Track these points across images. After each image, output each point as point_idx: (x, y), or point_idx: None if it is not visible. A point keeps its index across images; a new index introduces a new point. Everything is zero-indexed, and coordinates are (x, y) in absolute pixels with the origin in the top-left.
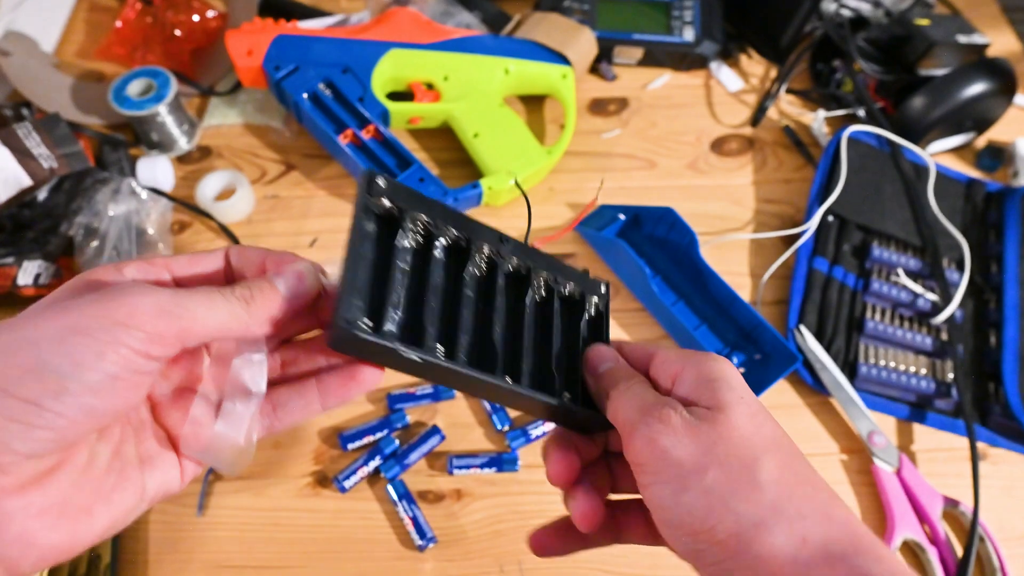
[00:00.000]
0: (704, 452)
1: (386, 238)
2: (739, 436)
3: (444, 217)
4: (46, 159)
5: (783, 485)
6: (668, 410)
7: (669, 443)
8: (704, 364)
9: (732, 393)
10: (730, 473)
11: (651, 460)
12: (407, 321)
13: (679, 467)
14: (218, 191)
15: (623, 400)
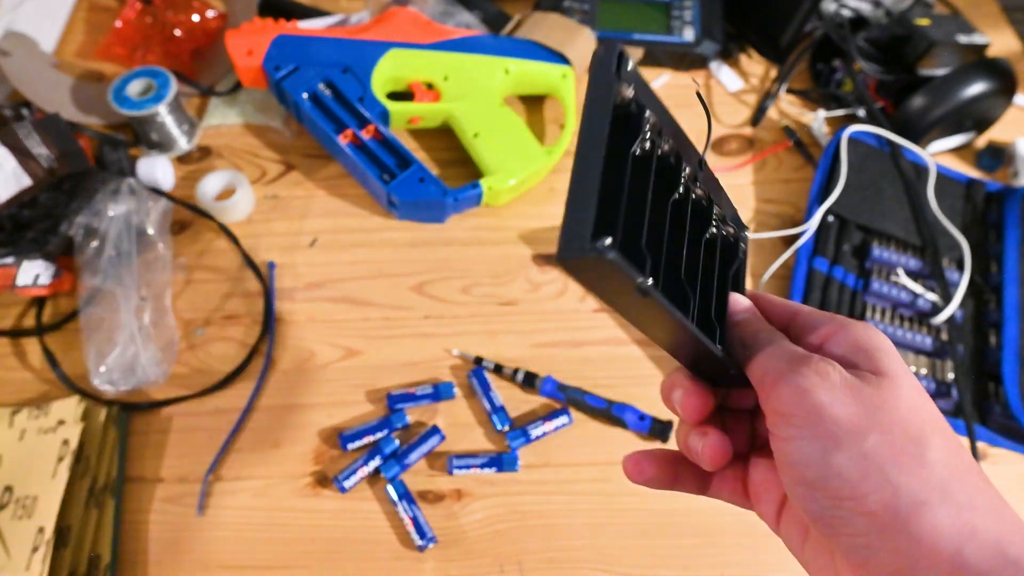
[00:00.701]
0: (866, 415)
1: (618, 138)
2: (906, 407)
3: (666, 122)
4: (46, 159)
5: (952, 469)
6: (826, 365)
7: (827, 398)
8: (861, 330)
9: (896, 364)
10: (895, 442)
11: (800, 412)
12: (629, 245)
13: (835, 424)
14: (218, 191)
15: (768, 351)
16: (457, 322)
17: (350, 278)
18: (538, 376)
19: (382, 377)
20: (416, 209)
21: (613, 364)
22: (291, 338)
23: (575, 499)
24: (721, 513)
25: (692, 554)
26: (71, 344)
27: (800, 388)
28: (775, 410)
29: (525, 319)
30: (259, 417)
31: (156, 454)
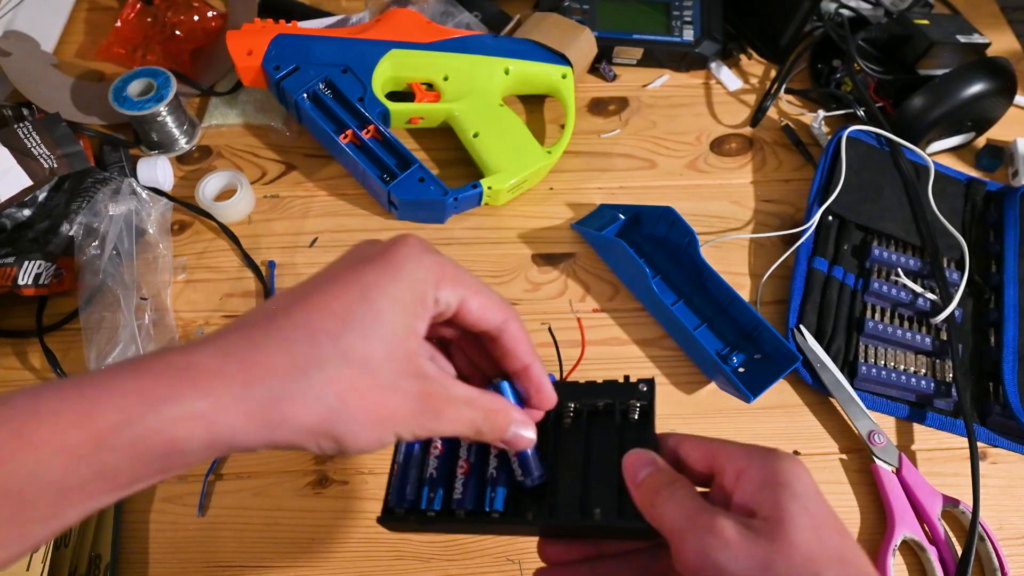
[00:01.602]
0: (761, 569)
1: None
2: (798, 552)
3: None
4: (46, 159)
5: None
6: (720, 519)
7: (724, 558)
8: (770, 465)
9: (796, 502)
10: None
11: (704, 571)
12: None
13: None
14: (218, 191)
15: (668, 507)
16: None
17: None
18: None
19: None
20: (416, 209)
21: (613, 364)
22: None
23: None
24: None
25: None
26: (71, 344)
27: (699, 551)
28: (684, 570)
29: (525, 319)
30: None
31: None
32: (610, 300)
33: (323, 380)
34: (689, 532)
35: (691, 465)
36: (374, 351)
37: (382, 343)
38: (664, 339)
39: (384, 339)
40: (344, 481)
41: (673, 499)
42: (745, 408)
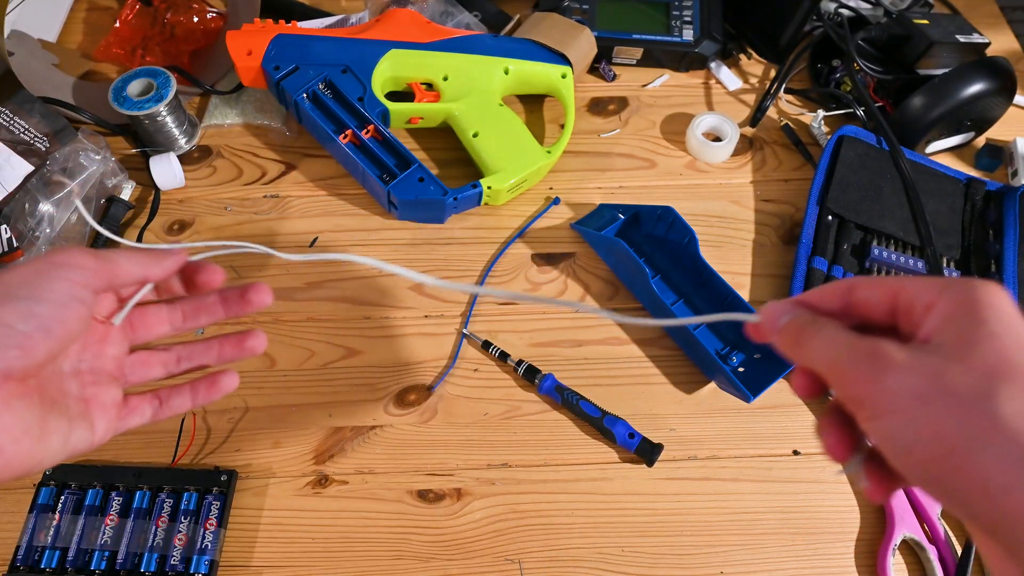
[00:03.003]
0: (932, 382)
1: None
2: (975, 366)
3: None
4: (39, 141)
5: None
6: (883, 344)
7: (892, 380)
8: (962, 294)
9: (982, 328)
10: (960, 403)
11: (872, 400)
12: None
13: (899, 398)
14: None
15: (816, 342)
16: (457, 322)
17: (350, 278)
18: (540, 372)
19: (382, 377)
20: (416, 209)
21: (613, 364)
22: (291, 338)
23: (575, 499)
24: (721, 513)
25: (692, 554)
26: None
27: (863, 377)
28: (849, 398)
29: (525, 318)
30: (259, 417)
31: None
32: (610, 300)
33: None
34: (848, 361)
35: (871, 309)
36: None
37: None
38: (664, 339)
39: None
40: (344, 481)
41: (821, 334)
42: (745, 408)
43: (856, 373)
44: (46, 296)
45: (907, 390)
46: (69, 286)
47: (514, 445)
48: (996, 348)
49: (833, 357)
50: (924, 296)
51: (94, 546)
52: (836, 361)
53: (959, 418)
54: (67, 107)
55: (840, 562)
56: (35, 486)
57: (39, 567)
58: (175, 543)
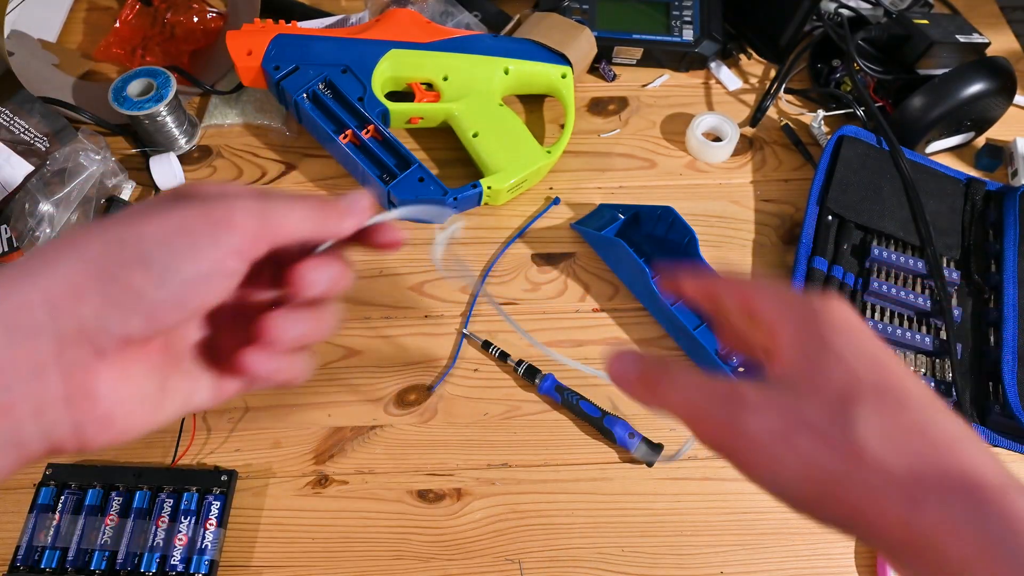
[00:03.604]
0: (792, 421)
1: None
2: (827, 393)
3: None
4: (39, 141)
5: (888, 440)
6: (738, 386)
7: (752, 422)
8: (801, 318)
9: (826, 353)
10: (820, 437)
11: (734, 444)
12: None
13: (763, 444)
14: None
15: (674, 392)
16: (457, 322)
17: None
18: (540, 372)
19: (382, 377)
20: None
21: None
22: None
23: (575, 499)
24: (721, 513)
25: (692, 554)
26: None
27: (723, 422)
28: (711, 444)
29: (525, 318)
30: (259, 417)
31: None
32: (610, 300)
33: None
34: (705, 409)
35: (732, 316)
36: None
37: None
38: (664, 339)
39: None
40: (344, 481)
41: (675, 383)
42: None
43: (717, 419)
44: (189, 265)
45: (768, 432)
46: (221, 256)
47: (514, 445)
48: (843, 370)
49: (692, 404)
50: (770, 318)
51: (94, 546)
52: (695, 408)
53: (822, 454)
54: (67, 107)
55: (840, 562)
56: (35, 486)
57: (39, 567)
58: (175, 543)
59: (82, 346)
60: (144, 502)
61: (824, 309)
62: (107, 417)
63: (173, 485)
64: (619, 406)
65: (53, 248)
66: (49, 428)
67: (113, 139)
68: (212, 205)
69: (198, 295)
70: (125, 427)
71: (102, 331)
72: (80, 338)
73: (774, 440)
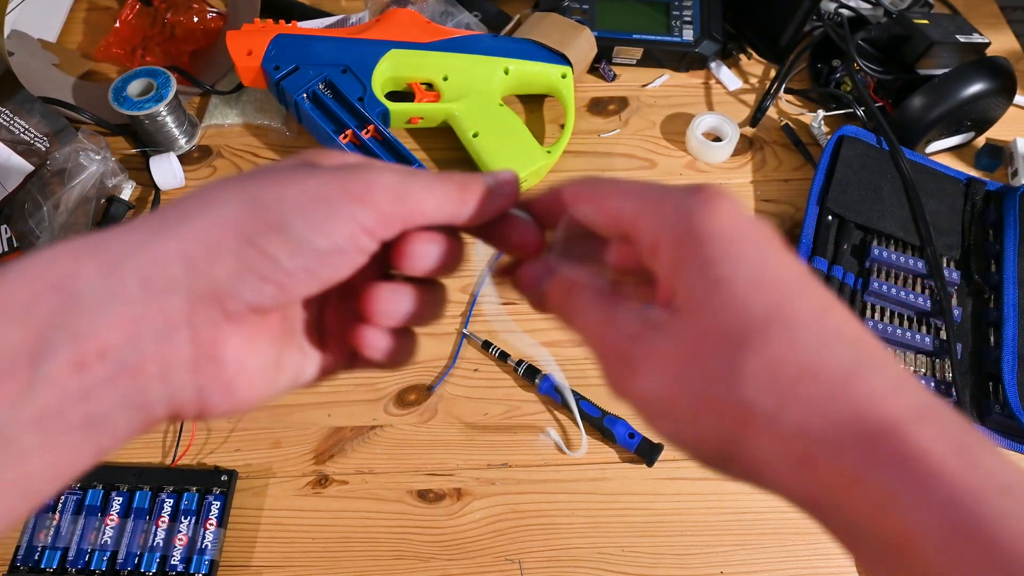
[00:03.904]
0: (682, 378)
1: None
2: (714, 333)
3: None
4: (40, 141)
5: (774, 393)
6: (620, 338)
7: (639, 385)
8: (679, 225)
9: (707, 271)
10: (706, 398)
11: (628, 400)
12: None
13: (656, 404)
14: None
15: (576, 326)
16: (457, 322)
17: None
18: (540, 372)
19: (382, 377)
20: None
21: None
22: None
23: (575, 499)
24: (721, 513)
25: (692, 554)
26: None
27: (616, 380)
28: (612, 391)
29: (525, 319)
30: (259, 417)
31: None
32: None
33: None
34: (599, 355)
35: (598, 229)
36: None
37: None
38: None
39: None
40: (344, 481)
41: (576, 316)
42: None
43: (612, 377)
44: (324, 237)
45: (658, 392)
46: (356, 231)
47: (514, 445)
48: (728, 300)
49: (593, 348)
50: (643, 229)
51: (95, 546)
52: (595, 355)
53: (711, 419)
54: (67, 107)
55: (840, 562)
56: None
57: (39, 567)
58: (176, 543)
59: (213, 308)
60: (144, 502)
61: (700, 215)
62: (230, 384)
63: (173, 485)
64: (619, 405)
65: (190, 201)
66: (174, 391)
67: (113, 139)
68: (352, 176)
69: (329, 269)
70: (245, 396)
71: (235, 295)
72: (212, 300)
73: (663, 400)
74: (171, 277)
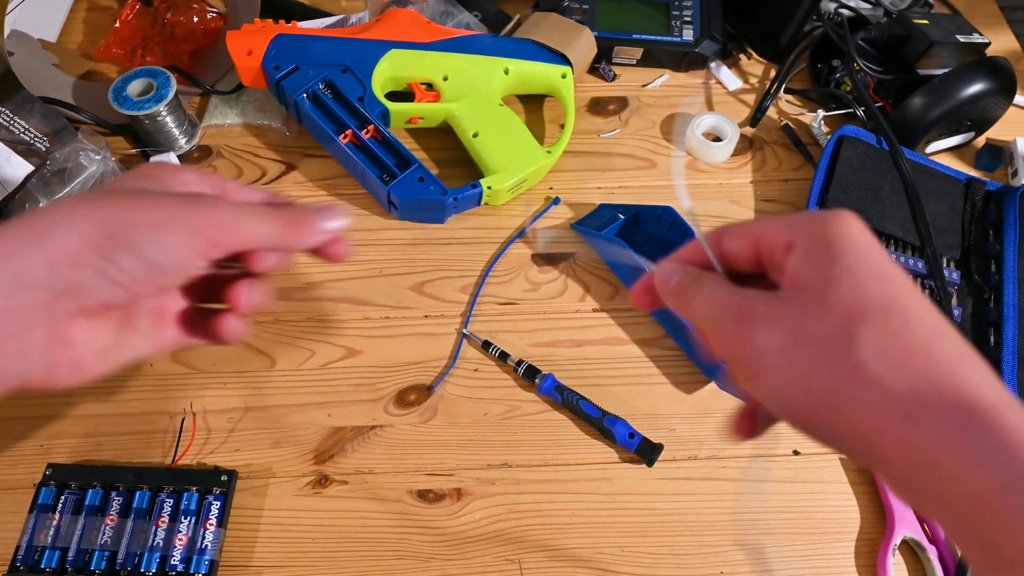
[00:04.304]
0: (793, 335)
1: None
2: (833, 310)
3: None
4: (40, 141)
5: (888, 359)
6: (750, 298)
7: (758, 335)
8: (814, 230)
9: (836, 263)
10: (822, 353)
11: (743, 356)
12: None
13: (767, 355)
14: None
15: (697, 302)
16: (457, 322)
17: (350, 278)
18: (540, 372)
19: (382, 377)
20: (416, 209)
21: (613, 363)
22: (291, 338)
23: (575, 499)
24: (721, 513)
25: (692, 554)
26: None
27: (733, 334)
28: (725, 356)
29: (525, 319)
30: (259, 417)
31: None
32: (610, 300)
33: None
34: (720, 319)
35: (737, 256)
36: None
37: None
38: (664, 339)
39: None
40: (344, 481)
41: (702, 292)
42: None
43: (727, 331)
44: (168, 258)
45: (773, 345)
46: (188, 254)
47: (514, 445)
48: (853, 285)
49: (709, 316)
50: (781, 237)
51: (94, 546)
52: (711, 320)
53: (823, 370)
54: (67, 107)
55: (840, 562)
56: (35, 486)
57: (39, 567)
58: (175, 543)
59: (69, 302)
60: (144, 502)
61: (835, 223)
62: (78, 361)
63: (173, 485)
64: (619, 405)
65: (52, 216)
66: (27, 367)
67: (113, 139)
68: (193, 208)
69: (168, 278)
70: (90, 371)
71: (89, 295)
72: (69, 296)
73: (778, 354)
74: (38, 278)
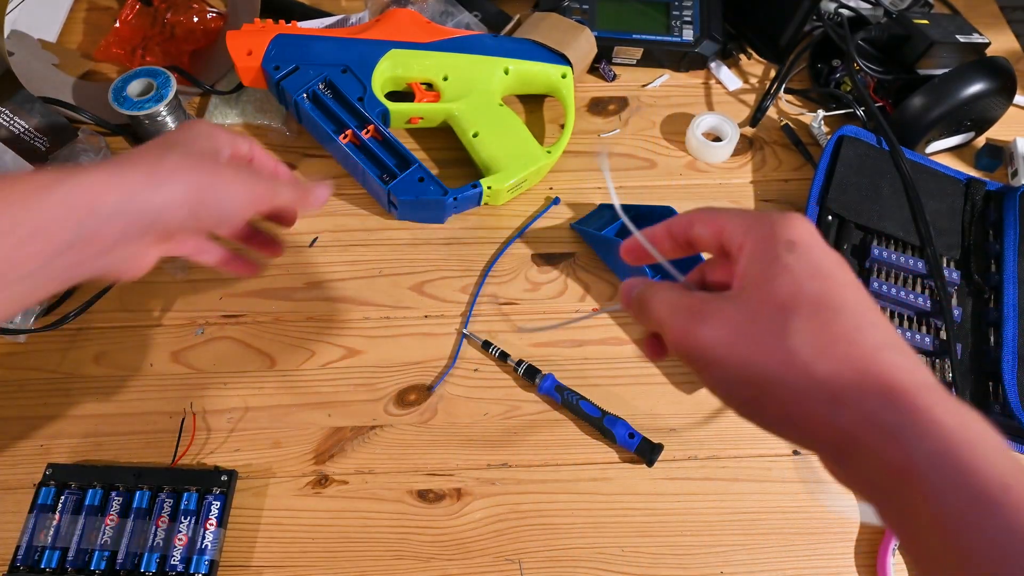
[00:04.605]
0: (735, 332)
1: None
2: (768, 306)
3: None
4: (40, 141)
5: (816, 348)
6: (698, 299)
7: (703, 332)
8: (762, 232)
9: (776, 263)
10: (758, 344)
11: (692, 352)
12: None
13: (713, 349)
14: None
15: (652, 306)
16: (457, 322)
17: (350, 278)
18: (540, 372)
19: (382, 377)
20: (416, 209)
21: (613, 363)
22: (291, 338)
23: (575, 499)
24: (721, 513)
25: (692, 554)
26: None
27: (682, 331)
28: (677, 353)
29: (525, 319)
30: (259, 417)
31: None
32: (610, 300)
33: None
34: (671, 319)
35: (705, 242)
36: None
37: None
38: None
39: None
40: (344, 481)
41: (656, 298)
42: None
43: (678, 329)
44: (227, 206)
45: (717, 340)
46: (243, 209)
47: (514, 445)
48: (789, 281)
49: (662, 318)
50: (736, 237)
51: (94, 546)
52: (664, 321)
53: (760, 359)
54: (67, 107)
55: (840, 562)
56: (35, 486)
57: (39, 567)
58: (175, 543)
59: (160, 230)
60: (144, 502)
61: (782, 226)
62: (142, 267)
63: (173, 485)
64: (619, 405)
65: (170, 165)
66: (113, 266)
67: (113, 139)
68: (249, 181)
69: (227, 226)
70: (145, 269)
71: (175, 228)
72: (162, 226)
73: (722, 348)
74: (153, 210)
